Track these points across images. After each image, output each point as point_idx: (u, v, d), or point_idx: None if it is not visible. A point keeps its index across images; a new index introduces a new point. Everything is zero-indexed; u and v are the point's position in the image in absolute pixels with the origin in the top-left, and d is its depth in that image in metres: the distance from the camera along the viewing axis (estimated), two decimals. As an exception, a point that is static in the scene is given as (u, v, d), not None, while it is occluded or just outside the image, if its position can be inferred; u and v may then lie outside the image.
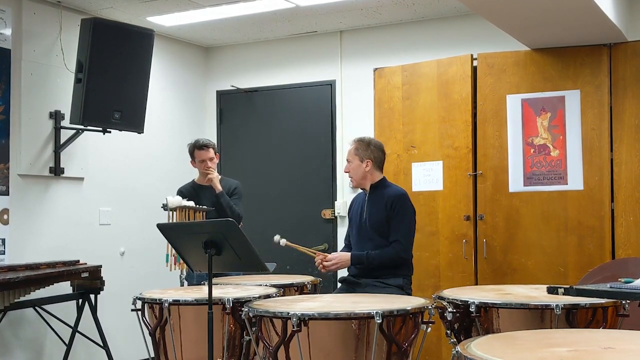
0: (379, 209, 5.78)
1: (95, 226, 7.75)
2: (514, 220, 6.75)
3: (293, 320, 4.19)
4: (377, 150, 5.92)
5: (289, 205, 8.64)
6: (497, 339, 3.37)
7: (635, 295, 3.64)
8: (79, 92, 6.74)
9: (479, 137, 6.91)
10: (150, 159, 8.44)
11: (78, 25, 6.90)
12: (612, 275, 5.84)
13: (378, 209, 5.78)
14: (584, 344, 3.23)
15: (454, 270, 6.91)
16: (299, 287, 5.95)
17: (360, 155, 5.86)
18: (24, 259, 6.79)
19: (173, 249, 5.48)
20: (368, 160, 5.84)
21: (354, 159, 5.89)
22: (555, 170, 6.63)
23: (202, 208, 6.24)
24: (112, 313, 7.50)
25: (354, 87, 8.37)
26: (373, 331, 4.24)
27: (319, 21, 8.15)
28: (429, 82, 7.14)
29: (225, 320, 5.03)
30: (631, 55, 6.48)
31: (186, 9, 7.54)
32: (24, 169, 6.99)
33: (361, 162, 5.85)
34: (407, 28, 8.12)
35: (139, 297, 5.23)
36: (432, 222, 6.99)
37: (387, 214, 5.74)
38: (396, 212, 5.73)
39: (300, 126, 8.68)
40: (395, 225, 5.72)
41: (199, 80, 9.25)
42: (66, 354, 7.08)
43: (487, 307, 4.59)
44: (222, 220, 4.79)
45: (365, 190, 5.94)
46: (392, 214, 5.72)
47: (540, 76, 6.75)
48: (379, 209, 5.78)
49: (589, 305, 4.38)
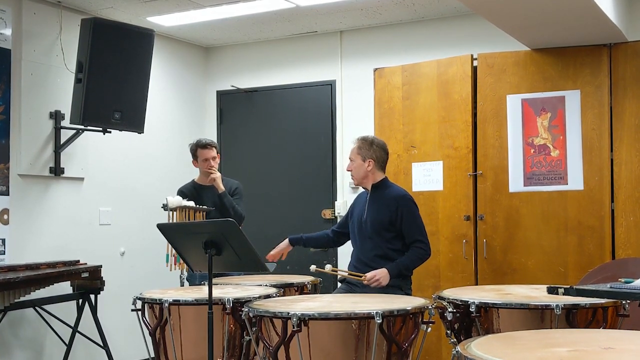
0: (380, 210, 5.77)
1: (95, 226, 7.75)
2: (514, 220, 6.74)
3: (293, 321, 4.19)
4: (380, 150, 5.90)
5: (289, 205, 8.64)
6: (497, 339, 3.37)
7: (635, 296, 3.64)
8: (79, 92, 6.74)
9: (479, 137, 6.90)
10: (150, 159, 8.44)
11: (78, 25, 6.90)
12: (612, 275, 5.83)
13: (379, 210, 5.77)
14: (584, 344, 3.22)
15: (454, 271, 6.90)
16: (299, 287, 5.97)
17: (363, 155, 5.83)
18: (24, 259, 6.79)
19: (173, 249, 5.48)
20: (370, 159, 5.82)
21: (357, 157, 5.86)
22: (556, 170, 6.62)
23: (202, 208, 6.23)
24: (112, 313, 7.50)
25: (354, 87, 8.37)
26: (373, 331, 4.24)
27: (319, 21, 8.15)
28: (429, 82, 7.13)
29: (225, 320, 5.03)
30: (631, 55, 6.47)
31: (186, 9, 7.54)
32: (24, 169, 7.00)
33: (363, 162, 5.83)
34: (407, 28, 8.12)
35: (139, 297, 5.23)
36: (432, 222, 6.98)
37: (390, 216, 5.72)
38: (405, 213, 5.72)
39: (301, 126, 8.68)
40: (409, 225, 5.72)
41: (199, 80, 9.25)
42: (66, 354, 7.08)
43: (487, 307, 4.59)
44: (222, 220, 4.80)
45: (367, 189, 5.93)
46: (400, 216, 5.70)
47: (540, 76, 6.75)
48: (380, 209, 5.77)
49: (589, 305, 4.38)
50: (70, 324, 7.04)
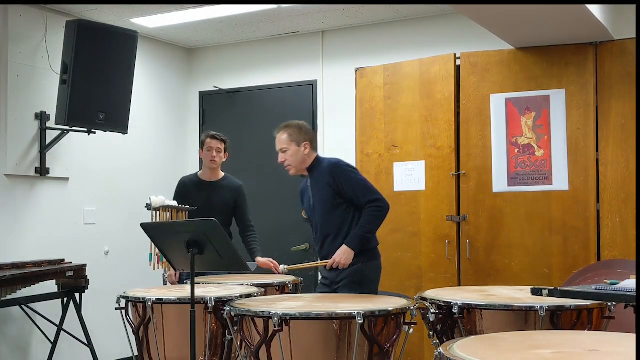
0: (321, 188, 5.70)
1: (80, 225, 7.86)
2: (498, 221, 6.69)
3: (274, 320, 4.22)
4: (309, 130, 5.86)
5: (270, 205, 8.60)
6: (480, 341, 3.35)
7: (620, 297, 3.62)
8: (64, 93, 6.84)
9: (462, 137, 6.85)
10: (135, 160, 8.52)
11: (63, 27, 6.96)
12: (597, 276, 5.81)
13: (320, 189, 5.72)
14: (568, 346, 3.21)
15: (436, 271, 6.85)
16: (280, 287, 6.00)
17: (297, 140, 5.74)
18: (10, 258, 6.84)
19: (156, 249, 5.50)
20: (305, 142, 5.75)
21: (290, 145, 5.75)
22: (540, 170, 6.58)
23: (184, 208, 6.22)
24: (96, 311, 7.58)
25: (335, 87, 8.34)
26: (354, 331, 4.24)
27: (300, 21, 8.12)
28: (411, 81, 7.09)
29: (207, 319, 5.10)
30: (617, 54, 6.42)
31: (169, 10, 7.57)
32: (10, 169, 7.12)
33: (299, 147, 5.74)
34: (389, 28, 8.08)
35: (123, 296, 5.31)
36: (414, 223, 6.94)
37: (332, 190, 5.63)
38: (342, 179, 5.62)
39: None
40: (352, 189, 5.61)
41: (181, 81, 9.28)
42: (51, 352, 7.19)
43: (471, 308, 4.57)
44: (204, 220, 4.81)
45: (305, 175, 5.86)
46: (339, 184, 5.61)
47: (524, 75, 6.70)
48: (321, 188, 5.71)
49: (574, 307, 4.35)
50: (56, 322, 7.16)
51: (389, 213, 5.65)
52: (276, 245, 8.23)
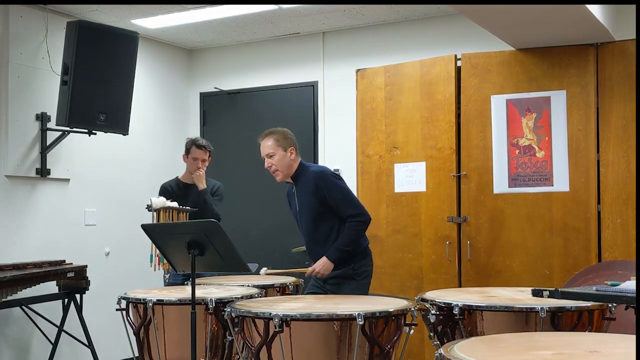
0: (307, 197, 5.73)
1: (80, 226, 7.87)
2: (499, 222, 6.68)
3: (275, 321, 4.21)
4: (293, 136, 5.89)
5: (271, 207, 8.58)
6: (480, 342, 3.36)
7: (621, 299, 3.60)
8: (65, 94, 6.85)
9: (462, 138, 6.84)
10: (135, 161, 8.54)
11: (64, 28, 6.96)
12: (598, 277, 5.80)
13: (306, 197, 5.74)
14: (569, 347, 3.21)
15: (437, 272, 6.84)
16: (281, 288, 6.02)
17: (283, 145, 5.76)
18: (10, 259, 6.87)
19: (157, 250, 5.52)
20: (291, 147, 5.79)
21: (277, 150, 5.76)
22: (541, 171, 6.57)
23: (185, 209, 6.23)
24: (97, 312, 7.59)
25: (336, 88, 8.34)
26: (355, 332, 4.23)
27: (301, 22, 8.12)
28: (412, 82, 7.08)
29: (208, 320, 5.10)
30: (618, 55, 6.41)
31: (170, 11, 7.58)
32: (11, 170, 7.13)
33: (285, 152, 5.76)
34: (390, 29, 8.07)
35: (124, 297, 5.30)
36: (414, 224, 6.93)
37: (317, 199, 5.65)
38: (327, 189, 5.64)
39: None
40: (335, 201, 5.64)
41: (182, 82, 9.29)
42: (52, 353, 7.20)
43: (471, 309, 4.56)
44: (205, 221, 4.82)
45: (289, 181, 5.88)
46: (323, 194, 5.64)
47: (525, 76, 6.69)
48: (307, 196, 5.73)
49: (574, 308, 4.34)
50: (56, 323, 7.17)
51: (388, 213, 5.67)
52: (277, 246, 8.23)
